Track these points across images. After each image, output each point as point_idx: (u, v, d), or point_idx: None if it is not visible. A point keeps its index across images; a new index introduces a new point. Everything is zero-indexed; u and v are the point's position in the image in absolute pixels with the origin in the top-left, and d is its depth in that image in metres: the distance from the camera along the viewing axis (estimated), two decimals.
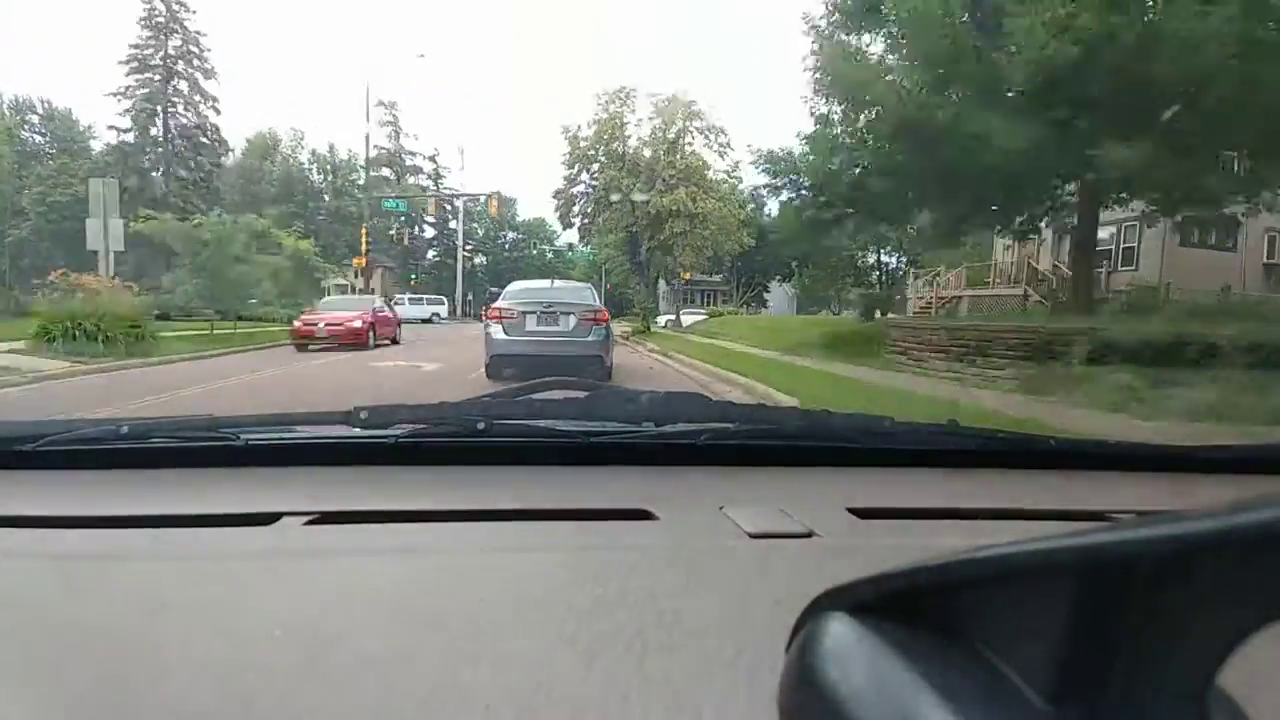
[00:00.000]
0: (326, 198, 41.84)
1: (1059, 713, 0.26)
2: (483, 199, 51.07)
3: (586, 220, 31.77)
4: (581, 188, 31.34)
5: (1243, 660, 0.24)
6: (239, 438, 0.90)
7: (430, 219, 56.22)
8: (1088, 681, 0.26)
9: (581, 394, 1.20)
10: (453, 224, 57.82)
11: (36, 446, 0.89)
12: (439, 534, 0.72)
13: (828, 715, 0.30)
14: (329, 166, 44.17)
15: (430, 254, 55.68)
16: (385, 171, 50.35)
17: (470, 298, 60.15)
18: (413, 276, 47.84)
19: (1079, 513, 0.86)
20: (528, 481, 0.91)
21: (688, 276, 32.00)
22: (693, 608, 0.56)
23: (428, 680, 0.45)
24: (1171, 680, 0.25)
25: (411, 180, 54.18)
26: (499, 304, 8.34)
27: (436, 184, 54.99)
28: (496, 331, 8.10)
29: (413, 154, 51.41)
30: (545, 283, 10.23)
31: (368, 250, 26.39)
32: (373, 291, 43.01)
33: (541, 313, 8.23)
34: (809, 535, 0.71)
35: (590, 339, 8.13)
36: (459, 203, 54.32)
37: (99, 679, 0.46)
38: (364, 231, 26.71)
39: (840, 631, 0.32)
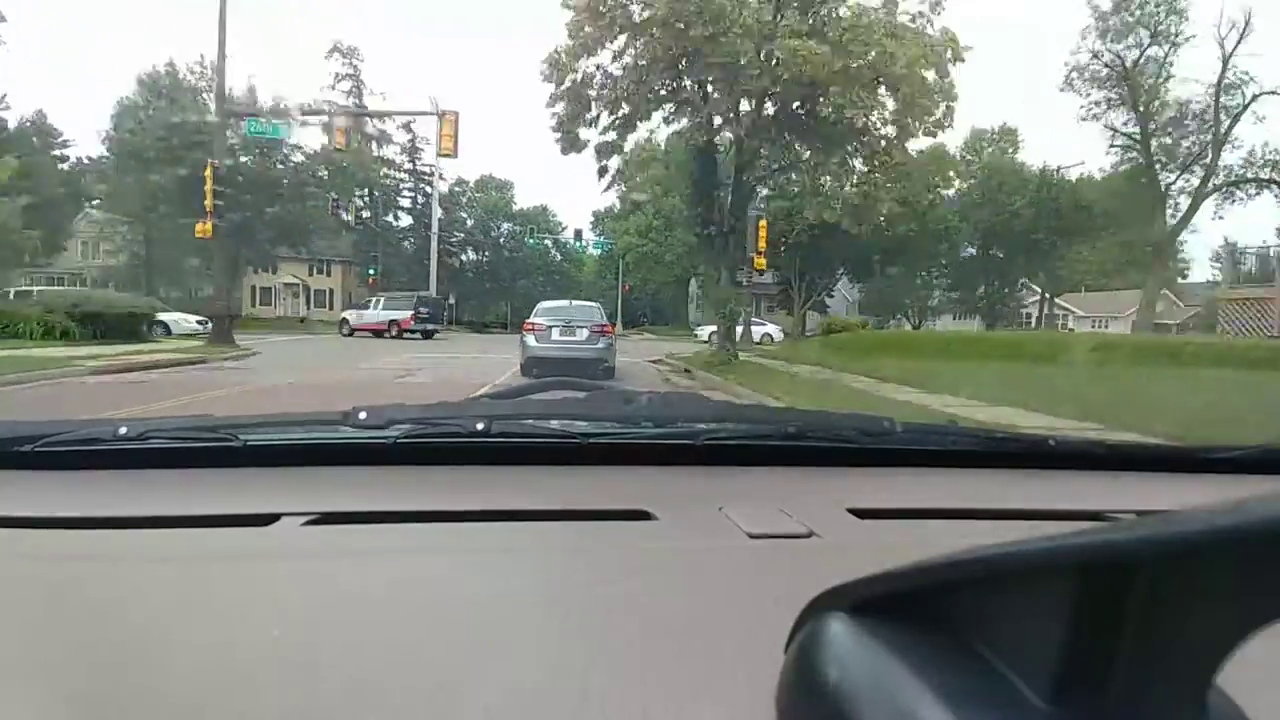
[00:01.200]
0: (245, 159, 28.20)
1: (1059, 713, 0.26)
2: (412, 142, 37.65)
3: (617, 124, 14.08)
4: (606, 58, 13.49)
5: (1243, 660, 0.24)
6: (238, 438, 0.94)
7: (402, 202, 42.74)
8: (1088, 681, 0.26)
9: (581, 394, 1.21)
10: (441, 214, 43.63)
11: (36, 447, 0.92)
12: (438, 534, 0.76)
13: (827, 715, 0.30)
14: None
15: (407, 247, 41.98)
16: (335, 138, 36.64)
17: (453, 301, 46.18)
18: (372, 272, 34.50)
19: (1079, 513, 0.89)
20: (527, 482, 0.95)
21: (762, 264, 17.57)
22: (692, 608, 0.60)
23: (428, 680, 0.47)
24: (1171, 680, 0.25)
25: (380, 153, 40.18)
26: (532, 319, 11.78)
27: (413, 159, 41.30)
28: (530, 340, 11.42)
29: (381, 118, 37.67)
30: (565, 302, 13.40)
31: (215, 207, 12.72)
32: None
33: (562, 327, 11.43)
34: (809, 535, 0.74)
35: (599, 346, 11.45)
36: (439, 184, 40.52)
37: (99, 679, 0.48)
38: (208, 173, 13.26)
39: (840, 632, 0.32)
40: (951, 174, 35.47)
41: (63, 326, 15.07)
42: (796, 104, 13.43)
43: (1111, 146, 27.59)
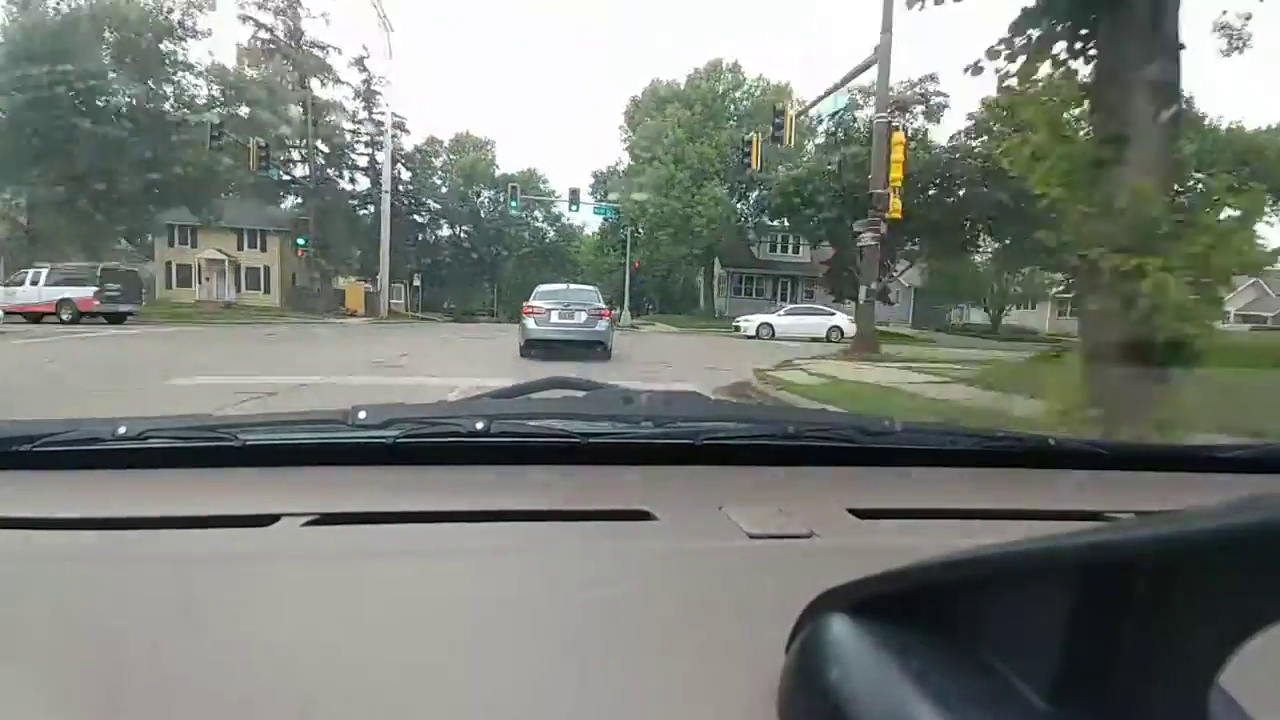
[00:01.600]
0: (114, 82, 19.47)
1: (1059, 713, 0.26)
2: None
3: None
4: None
5: (1243, 660, 0.24)
6: (237, 438, 0.95)
7: (359, 161, 33.69)
8: (1088, 681, 0.26)
9: (580, 393, 1.21)
10: (408, 176, 34.40)
11: (35, 446, 0.92)
12: (438, 535, 0.77)
13: (827, 715, 0.30)
14: (111, 20, 21.98)
15: (364, 215, 33.33)
16: (258, 71, 27.63)
17: (418, 284, 37.25)
18: (301, 243, 25.94)
19: (1079, 513, 0.90)
20: (527, 482, 0.97)
21: (897, 206, 8.84)
22: (692, 608, 0.61)
23: (428, 681, 0.48)
24: (1172, 680, 0.25)
25: (326, 95, 31.38)
26: (531, 302, 12.14)
27: (368, 102, 32.49)
28: (530, 323, 11.84)
29: (323, 48, 28.87)
30: (563, 286, 13.94)
31: None
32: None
33: (561, 310, 11.83)
34: (809, 535, 0.75)
35: (597, 329, 11.94)
36: (389, 123, 31.53)
37: (98, 680, 0.49)
38: None
39: (840, 632, 0.33)
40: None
41: None
42: None
43: None
